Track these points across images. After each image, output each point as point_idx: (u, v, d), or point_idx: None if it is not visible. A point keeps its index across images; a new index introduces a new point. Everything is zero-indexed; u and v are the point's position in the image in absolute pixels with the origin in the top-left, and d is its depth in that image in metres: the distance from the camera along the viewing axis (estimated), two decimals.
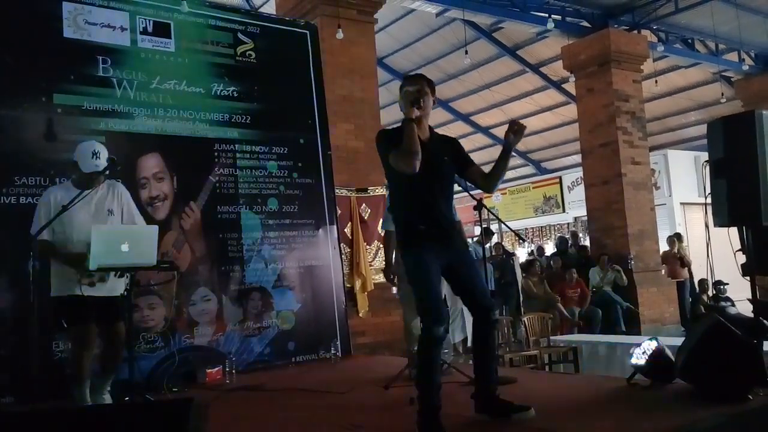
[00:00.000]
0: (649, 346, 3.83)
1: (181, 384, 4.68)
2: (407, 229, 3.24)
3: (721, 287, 8.72)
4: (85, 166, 3.74)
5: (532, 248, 13.70)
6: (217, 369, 5.03)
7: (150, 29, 5.45)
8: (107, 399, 3.88)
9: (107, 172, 3.80)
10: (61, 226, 3.72)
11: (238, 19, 6.03)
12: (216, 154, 5.62)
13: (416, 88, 3.24)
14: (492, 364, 3.30)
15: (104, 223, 3.82)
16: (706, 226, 4.05)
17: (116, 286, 3.76)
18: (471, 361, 3.37)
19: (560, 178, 16.46)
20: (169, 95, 5.44)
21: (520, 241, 14.18)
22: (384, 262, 5.02)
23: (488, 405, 3.21)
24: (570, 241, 12.03)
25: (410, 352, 4.79)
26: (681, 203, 13.60)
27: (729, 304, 8.72)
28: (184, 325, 5.20)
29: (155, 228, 3.73)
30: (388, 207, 4.62)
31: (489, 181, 3.31)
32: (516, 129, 3.14)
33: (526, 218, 16.86)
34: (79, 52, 5.07)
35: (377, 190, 7.43)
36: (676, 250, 11.15)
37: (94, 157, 3.74)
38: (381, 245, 7.25)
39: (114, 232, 3.63)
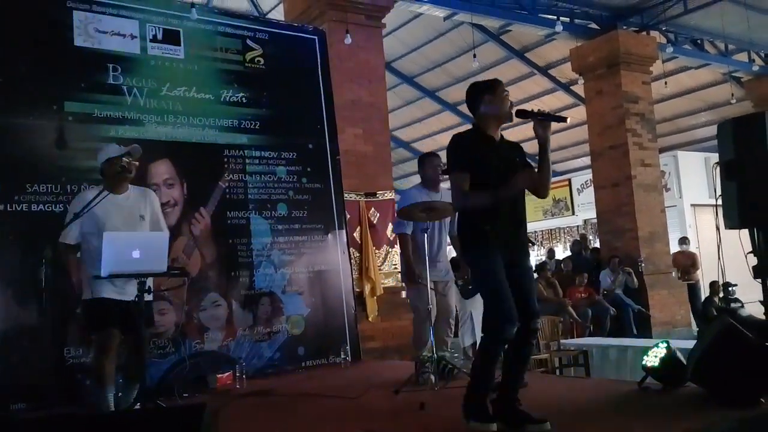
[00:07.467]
0: (660, 349, 3.81)
1: (192, 389, 4.69)
2: (480, 233, 3.32)
3: (730, 289, 8.66)
4: (112, 152, 3.88)
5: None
6: (227, 374, 5.05)
7: (160, 37, 5.49)
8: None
9: (132, 171, 3.88)
10: (93, 228, 3.73)
11: (247, 25, 6.07)
12: (225, 159, 5.65)
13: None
14: (523, 372, 3.28)
15: (135, 228, 3.83)
16: (717, 228, 4.03)
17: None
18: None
19: (569, 180, 16.37)
20: (178, 102, 5.47)
21: (530, 244, 14.13)
22: (399, 266, 4.96)
23: (508, 412, 3.14)
24: (581, 244, 12.00)
25: (418, 357, 4.78)
26: (691, 205, 13.50)
27: (739, 305, 8.65)
28: (194, 330, 5.22)
29: (166, 234, 3.76)
30: (397, 212, 4.63)
31: (540, 190, 3.51)
32: (535, 116, 3.17)
33: (535, 221, 16.77)
34: (89, 60, 5.11)
35: (386, 195, 7.44)
36: (688, 252, 11.09)
37: (121, 149, 3.89)
38: (389, 249, 7.24)
39: (125, 238, 3.65)
